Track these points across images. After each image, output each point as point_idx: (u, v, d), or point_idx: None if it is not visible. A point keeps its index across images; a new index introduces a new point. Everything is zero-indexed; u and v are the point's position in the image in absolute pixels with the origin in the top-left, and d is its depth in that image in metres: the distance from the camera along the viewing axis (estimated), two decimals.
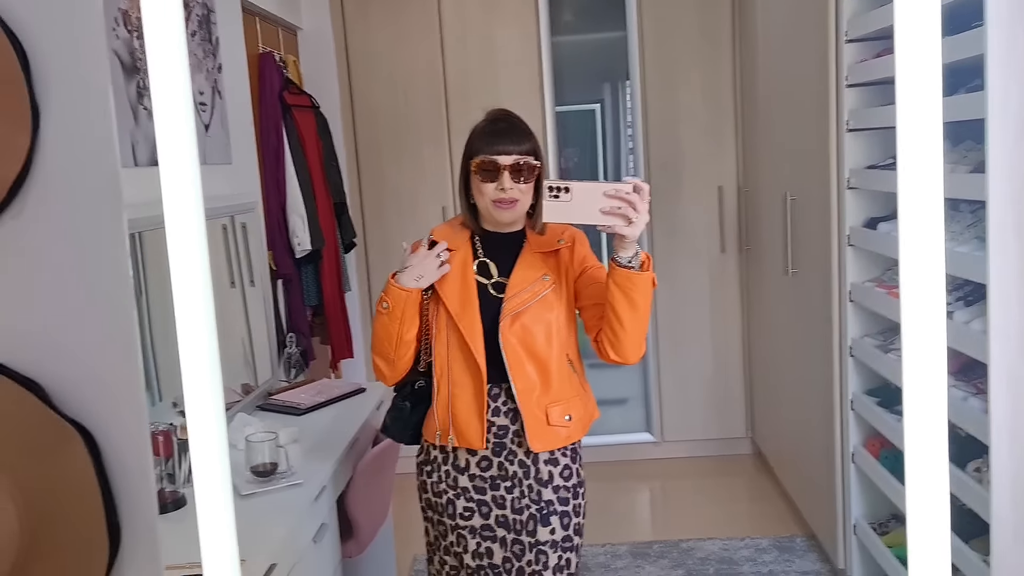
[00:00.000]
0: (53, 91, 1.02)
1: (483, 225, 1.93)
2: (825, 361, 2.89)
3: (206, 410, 0.77)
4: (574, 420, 1.90)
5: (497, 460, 1.90)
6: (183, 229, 0.72)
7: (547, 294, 1.86)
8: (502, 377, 1.86)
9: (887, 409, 2.53)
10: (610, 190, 1.66)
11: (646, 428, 4.42)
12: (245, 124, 3.08)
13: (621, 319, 1.75)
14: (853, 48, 2.63)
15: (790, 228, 3.21)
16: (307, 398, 2.77)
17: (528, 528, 1.89)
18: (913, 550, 0.56)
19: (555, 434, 1.88)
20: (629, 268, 1.71)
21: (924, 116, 0.55)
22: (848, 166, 2.67)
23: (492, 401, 1.88)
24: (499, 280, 1.90)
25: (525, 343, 1.85)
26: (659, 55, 4.09)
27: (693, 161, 4.15)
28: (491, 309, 1.87)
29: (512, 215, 1.86)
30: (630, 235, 1.68)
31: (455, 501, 1.93)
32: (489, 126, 1.87)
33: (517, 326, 1.85)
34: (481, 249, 1.93)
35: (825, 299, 2.85)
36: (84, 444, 1.05)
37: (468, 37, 4.10)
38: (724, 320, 4.26)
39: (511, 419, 1.88)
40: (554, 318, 1.87)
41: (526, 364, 1.85)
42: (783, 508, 3.67)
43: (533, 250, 1.90)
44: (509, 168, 1.80)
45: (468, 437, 1.88)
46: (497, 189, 1.81)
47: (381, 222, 4.21)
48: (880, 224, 2.54)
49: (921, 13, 0.52)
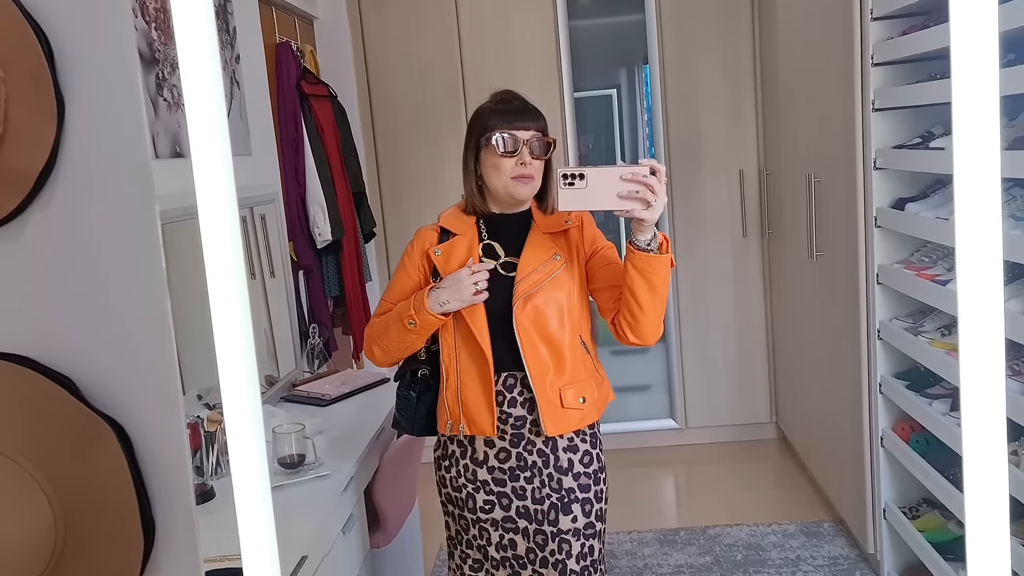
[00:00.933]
0: (78, 82, 1.01)
1: (491, 207, 1.90)
2: (852, 344, 2.85)
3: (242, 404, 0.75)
4: (588, 402, 1.87)
5: (516, 451, 1.88)
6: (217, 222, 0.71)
7: (559, 274, 1.84)
8: (516, 364, 1.83)
9: (917, 392, 2.50)
10: (626, 174, 1.63)
11: (669, 414, 4.40)
12: (264, 115, 3.07)
13: (640, 302, 1.74)
14: (878, 26, 2.58)
15: (814, 210, 3.17)
16: (331, 389, 2.77)
17: (550, 517, 1.87)
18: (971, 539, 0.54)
19: (568, 416, 1.85)
20: (648, 251, 1.69)
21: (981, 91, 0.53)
22: (874, 146, 2.63)
23: (507, 392, 1.86)
24: (508, 260, 1.87)
25: (538, 325, 1.82)
26: (678, 37, 4.04)
27: (713, 144, 4.11)
28: (502, 290, 1.84)
29: (529, 191, 1.84)
30: (649, 218, 1.65)
31: (475, 495, 1.91)
32: (501, 105, 1.85)
33: (529, 308, 1.82)
34: (487, 232, 1.90)
35: (851, 282, 2.81)
36: (116, 438, 1.04)
37: (484, 23, 4.07)
38: (747, 305, 4.22)
39: (528, 409, 1.86)
40: (566, 298, 1.84)
41: (539, 346, 1.82)
42: (810, 493, 3.65)
43: (541, 230, 1.88)
44: (528, 143, 1.79)
45: (480, 424, 1.86)
46: (517, 164, 1.79)
47: (400, 211, 4.20)
48: (908, 204, 2.49)
49: None
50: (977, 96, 0.53)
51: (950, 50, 0.52)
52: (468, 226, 1.90)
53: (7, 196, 1.02)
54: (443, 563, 3.27)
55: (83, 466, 1.06)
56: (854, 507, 3.02)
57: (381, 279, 4.23)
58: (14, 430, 1.04)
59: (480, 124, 1.84)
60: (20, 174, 1.02)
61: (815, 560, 3.08)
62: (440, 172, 4.14)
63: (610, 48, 4.48)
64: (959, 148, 0.56)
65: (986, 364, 0.52)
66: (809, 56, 3.19)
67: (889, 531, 2.80)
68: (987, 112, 0.53)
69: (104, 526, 1.07)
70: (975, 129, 0.53)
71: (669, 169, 4.12)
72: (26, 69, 1.01)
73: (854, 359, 2.84)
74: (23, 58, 1.01)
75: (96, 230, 0.97)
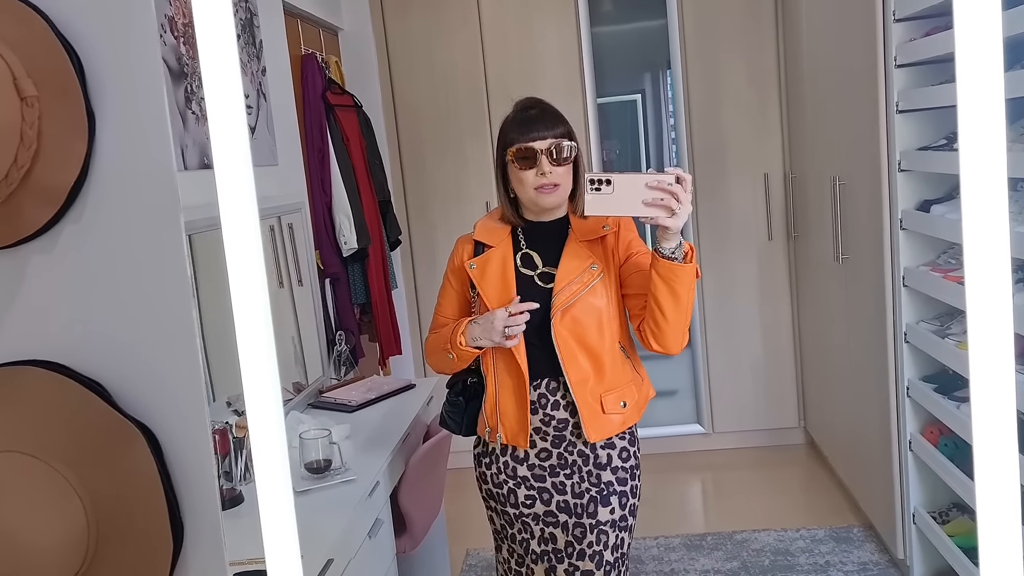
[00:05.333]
0: (108, 98, 1.04)
1: (525, 216, 1.93)
2: (879, 348, 2.83)
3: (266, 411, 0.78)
4: (629, 406, 1.91)
5: (557, 451, 1.92)
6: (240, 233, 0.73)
7: (596, 283, 1.85)
8: (556, 372, 1.87)
9: (945, 395, 2.48)
10: (652, 181, 1.65)
11: (696, 420, 4.39)
12: (290, 125, 3.12)
13: (664, 310, 1.75)
14: (901, 27, 2.57)
15: (839, 213, 3.16)
16: (358, 395, 2.80)
17: (589, 510, 1.90)
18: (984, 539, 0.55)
19: (610, 422, 1.89)
20: (672, 259, 1.70)
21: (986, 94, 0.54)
22: (899, 148, 2.61)
23: (550, 395, 1.89)
24: (545, 270, 1.90)
25: (577, 335, 1.84)
26: (701, 41, 4.04)
27: (738, 148, 4.10)
28: (540, 301, 1.85)
29: (556, 199, 1.85)
30: (673, 226, 1.67)
31: (516, 491, 1.95)
32: (520, 115, 1.88)
33: (568, 319, 1.84)
34: (524, 241, 1.93)
35: (878, 285, 2.80)
36: (147, 443, 1.07)
37: (507, 30, 4.09)
38: (773, 309, 4.20)
39: (570, 412, 1.89)
40: (604, 307, 1.86)
41: (579, 356, 1.85)
42: (838, 498, 3.62)
43: (579, 238, 1.89)
44: (546, 152, 1.80)
45: (514, 436, 1.91)
46: (537, 175, 1.81)
47: (426, 219, 4.24)
48: (934, 207, 2.48)
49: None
50: (983, 98, 0.54)
51: None
52: (503, 236, 1.93)
53: (41, 210, 1.06)
54: (470, 568, 3.29)
55: (115, 470, 1.09)
56: (883, 512, 3.00)
57: (407, 286, 4.26)
58: (49, 435, 1.08)
59: (502, 137, 1.88)
60: (53, 189, 1.05)
61: (844, 566, 3.06)
62: (464, 179, 4.17)
63: (634, 53, 4.49)
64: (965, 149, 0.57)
65: (996, 359, 0.53)
66: (832, 58, 3.18)
67: (919, 536, 2.77)
68: (993, 114, 0.54)
69: (134, 529, 1.10)
70: (981, 130, 0.54)
71: (693, 173, 4.12)
72: (58, 87, 1.04)
73: (881, 362, 2.82)
74: (56, 76, 1.04)
75: (125, 242, 1.00)
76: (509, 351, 1.87)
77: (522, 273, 1.90)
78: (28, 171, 1.04)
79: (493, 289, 1.89)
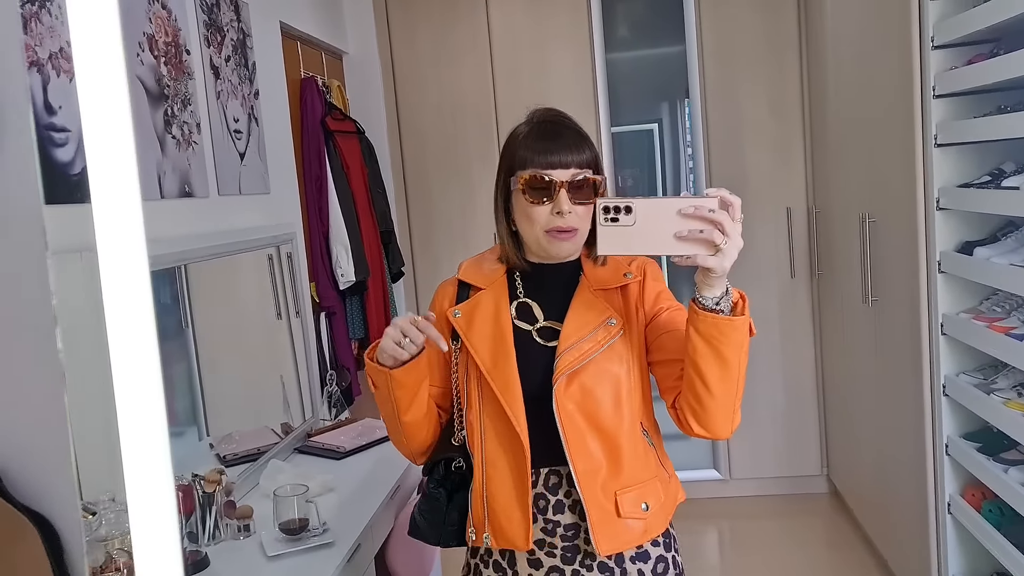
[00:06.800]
0: None
1: (527, 257, 1.47)
2: (915, 399, 2.61)
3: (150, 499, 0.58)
4: (653, 508, 1.42)
5: (570, 568, 1.42)
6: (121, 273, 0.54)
7: (615, 342, 1.39)
8: (559, 458, 1.39)
9: (990, 457, 2.25)
10: (687, 207, 1.21)
11: (713, 465, 4.15)
12: (284, 152, 2.96)
13: (707, 380, 1.29)
14: (940, 55, 2.38)
15: (869, 252, 2.94)
16: (347, 441, 2.60)
17: None
18: None
19: (628, 529, 1.40)
20: (716, 311, 1.26)
21: None
22: (937, 184, 2.41)
23: (551, 493, 1.42)
24: (547, 325, 1.45)
25: (586, 411, 1.38)
26: (720, 69, 3.86)
27: (759, 181, 3.90)
28: (539, 363, 1.41)
29: (571, 247, 1.41)
30: (718, 268, 1.22)
31: None
32: (537, 129, 1.42)
33: (575, 387, 1.38)
34: (522, 287, 1.48)
35: (913, 331, 2.58)
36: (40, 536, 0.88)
37: (519, 56, 3.93)
38: (795, 350, 3.97)
39: (579, 514, 1.41)
40: (624, 375, 1.40)
41: (588, 437, 1.39)
42: (865, 556, 3.37)
43: (592, 286, 1.44)
44: (567, 186, 1.36)
45: (510, 535, 1.41)
46: (553, 213, 1.36)
47: (430, 250, 4.06)
48: (977, 249, 2.26)
49: None
50: None
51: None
52: (496, 277, 1.48)
53: None
54: None
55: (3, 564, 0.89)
56: None
57: None
58: None
59: (509, 156, 1.43)
60: None
61: None
62: (472, 210, 4.00)
63: (651, 81, 4.32)
64: None
65: None
66: (862, 87, 2.99)
67: None
68: None
69: None
70: None
71: None
72: None
73: (917, 416, 2.60)
74: None
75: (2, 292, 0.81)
76: (505, 420, 1.39)
77: (517, 327, 1.45)
78: None
79: (483, 341, 1.43)
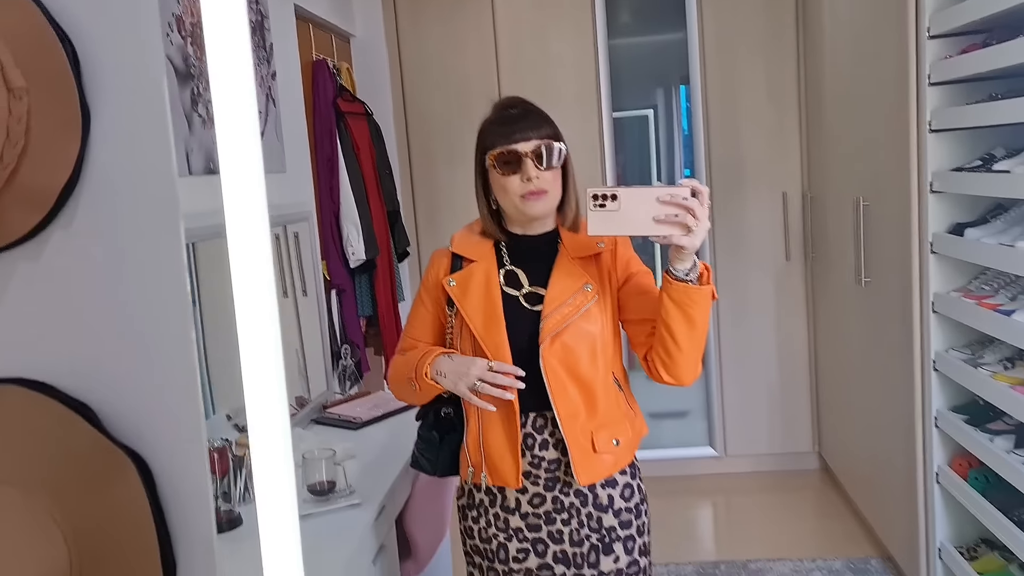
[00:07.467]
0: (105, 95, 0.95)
1: (509, 228, 1.73)
2: (905, 375, 2.73)
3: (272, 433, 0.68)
4: (622, 444, 1.70)
5: (551, 495, 1.70)
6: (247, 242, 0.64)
7: (590, 306, 1.65)
8: (543, 405, 1.66)
9: (977, 427, 2.37)
10: (664, 195, 1.46)
11: (708, 442, 4.27)
12: (299, 132, 3.04)
13: (677, 338, 1.56)
14: (935, 44, 2.48)
15: (863, 235, 3.06)
16: (363, 412, 2.70)
17: (590, 560, 1.71)
18: None
19: (601, 462, 1.68)
20: (686, 281, 1.52)
21: None
22: (931, 168, 2.52)
23: (538, 433, 1.68)
24: (532, 290, 1.69)
25: (567, 364, 1.64)
26: (720, 55, 3.96)
27: (756, 166, 4.00)
28: (526, 325, 1.66)
29: (544, 206, 1.65)
30: (689, 245, 1.47)
31: (507, 544, 1.74)
32: (500, 115, 1.68)
33: (557, 345, 1.63)
34: (508, 257, 1.72)
35: (905, 310, 2.69)
36: (137, 471, 0.98)
37: (523, 41, 4.01)
38: (789, 330, 4.09)
39: (561, 451, 1.68)
40: (598, 333, 1.65)
41: (569, 387, 1.65)
42: (855, 527, 3.50)
43: (570, 255, 1.69)
44: (531, 155, 1.61)
45: (503, 474, 1.69)
46: (523, 181, 1.61)
47: (434, 230, 4.15)
48: (968, 230, 2.38)
49: None
50: None
51: None
52: (486, 250, 1.73)
53: (27, 214, 0.97)
54: None
55: (101, 501, 0.99)
56: (906, 545, 2.88)
57: (414, 299, 4.17)
58: (29, 461, 0.98)
59: (481, 141, 1.70)
60: (41, 191, 0.96)
61: None
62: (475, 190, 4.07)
63: (648, 67, 4.40)
64: None
65: None
66: (858, 76, 3.09)
67: (944, 572, 2.65)
68: None
69: (121, 564, 1.00)
70: None
71: (711, 190, 4.02)
72: (50, 80, 0.95)
73: (907, 390, 2.72)
74: (47, 68, 0.95)
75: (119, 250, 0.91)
76: None
77: (506, 293, 1.69)
78: (14, 171, 0.95)
79: (476, 309, 1.68)
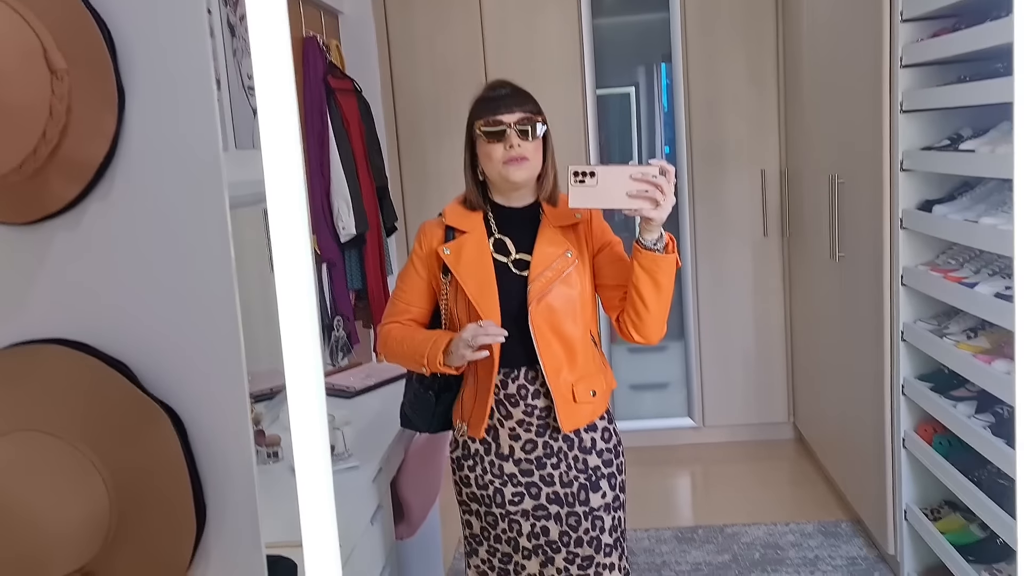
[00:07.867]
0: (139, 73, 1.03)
1: (495, 199, 1.91)
2: (875, 346, 2.86)
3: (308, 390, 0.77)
4: (598, 395, 1.92)
5: (542, 440, 1.91)
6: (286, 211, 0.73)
7: (571, 271, 1.86)
8: (532, 359, 1.86)
9: (942, 394, 2.50)
10: (636, 173, 1.67)
11: (687, 413, 4.41)
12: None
13: (646, 301, 1.77)
14: (908, 27, 2.58)
15: (837, 211, 3.17)
16: (356, 381, 2.79)
17: (580, 498, 1.91)
18: None
19: (581, 411, 1.90)
20: (654, 250, 1.73)
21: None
22: (901, 147, 2.63)
23: (530, 384, 1.88)
24: (519, 256, 1.88)
25: (552, 324, 1.85)
26: (702, 36, 4.04)
27: (735, 144, 4.11)
28: (514, 288, 1.86)
29: (525, 173, 1.83)
30: (656, 218, 1.68)
31: (503, 489, 1.93)
32: (489, 92, 1.88)
33: (543, 307, 1.84)
34: (496, 226, 1.91)
35: (876, 283, 2.82)
36: (172, 425, 1.06)
37: (508, 19, 4.08)
38: (766, 305, 4.22)
39: (549, 399, 1.89)
40: (578, 295, 1.87)
41: (553, 343, 1.85)
42: (826, 493, 3.65)
43: (552, 224, 1.88)
44: (515, 124, 1.79)
45: (475, 424, 1.91)
46: (506, 148, 1.80)
47: (422, 205, 4.22)
48: (936, 207, 2.49)
49: None
50: None
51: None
52: (476, 222, 1.91)
53: (67, 185, 1.05)
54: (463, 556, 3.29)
55: (137, 450, 1.08)
56: (874, 508, 3.03)
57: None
58: (71, 414, 1.06)
59: (471, 115, 1.88)
60: (81, 164, 1.04)
61: (833, 560, 3.09)
62: (461, 167, 4.14)
63: (631, 46, 4.48)
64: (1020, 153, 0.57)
65: None
66: (834, 57, 3.19)
67: (910, 532, 2.80)
68: None
69: (156, 511, 1.09)
70: None
71: (691, 168, 4.13)
72: (88, 60, 1.03)
73: (877, 360, 2.85)
74: (85, 50, 1.03)
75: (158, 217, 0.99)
76: None
77: (496, 260, 1.88)
78: (56, 146, 1.03)
79: (470, 275, 1.86)
